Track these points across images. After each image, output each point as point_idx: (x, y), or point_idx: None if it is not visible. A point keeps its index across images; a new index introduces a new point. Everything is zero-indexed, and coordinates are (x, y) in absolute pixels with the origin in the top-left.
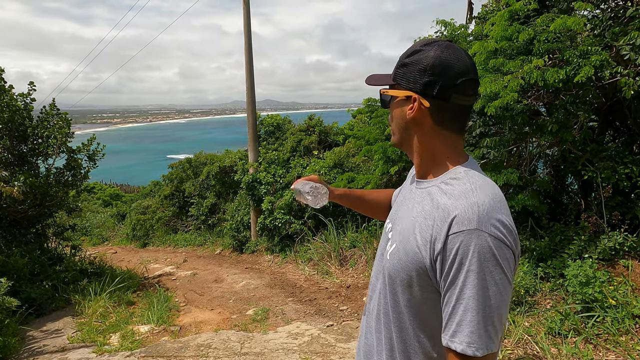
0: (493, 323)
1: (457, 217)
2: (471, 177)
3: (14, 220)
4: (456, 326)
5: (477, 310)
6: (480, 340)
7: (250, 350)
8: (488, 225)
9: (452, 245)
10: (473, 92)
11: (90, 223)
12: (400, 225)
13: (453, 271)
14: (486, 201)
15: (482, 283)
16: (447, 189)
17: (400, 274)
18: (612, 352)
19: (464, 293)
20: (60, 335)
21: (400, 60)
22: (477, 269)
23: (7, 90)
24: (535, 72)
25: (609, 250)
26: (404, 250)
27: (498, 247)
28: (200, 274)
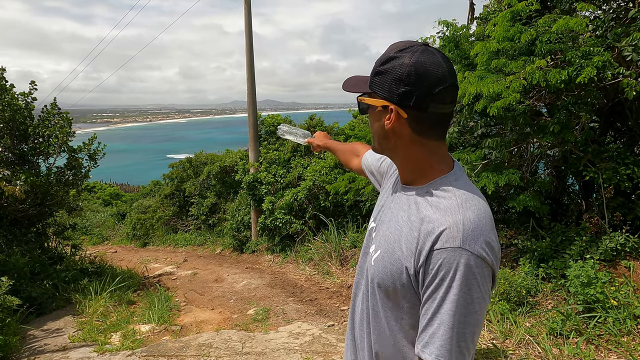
0: (465, 339)
1: (443, 233)
2: (458, 189)
3: (15, 219)
4: (429, 337)
5: (451, 326)
6: (450, 355)
7: (252, 350)
8: (472, 244)
9: (435, 260)
10: (452, 99)
11: (90, 222)
12: (384, 230)
13: (434, 285)
14: (472, 218)
15: (460, 301)
16: (434, 201)
17: (385, 281)
18: (614, 352)
19: (441, 307)
20: (61, 335)
21: (375, 68)
22: (458, 287)
23: (8, 90)
24: (537, 73)
25: (610, 251)
26: (388, 259)
27: (479, 266)
28: (200, 273)
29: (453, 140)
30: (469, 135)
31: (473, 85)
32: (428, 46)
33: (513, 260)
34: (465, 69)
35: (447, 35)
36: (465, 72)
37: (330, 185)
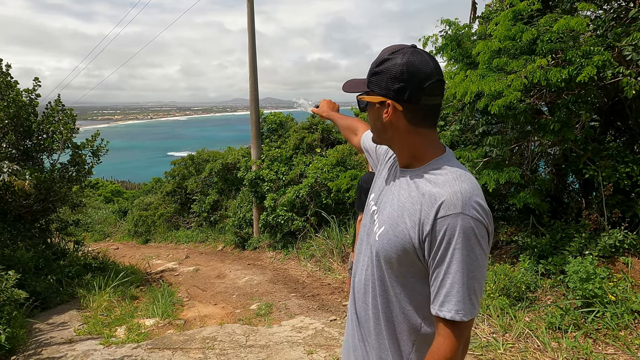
0: (475, 292)
1: (444, 202)
2: (451, 167)
3: (19, 215)
4: (444, 297)
5: (462, 282)
6: (466, 308)
7: (256, 343)
8: (470, 208)
9: (440, 227)
10: (439, 92)
11: (92, 219)
12: (387, 210)
13: (442, 249)
14: (467, 188)
15: (466, 259)
16: (432, 178)
17: (390, 253)
18: (612, 346)
19: (450, 268)
20: (66, 328)
21: (371, 69)
22: (462, 247)
23: (13, 86)
24: (538, 72)
25: (609, 248)
26: (393, 232)
27: (478, 227)
28: (202, 270)
29: (455, 138)
30: (470, 133)
31: (475, 84)
32: (416, 48)
33: (513, 257)
34: (467, 67)
35: (449, 34)
36: (467, 70)
37: (332, 183)
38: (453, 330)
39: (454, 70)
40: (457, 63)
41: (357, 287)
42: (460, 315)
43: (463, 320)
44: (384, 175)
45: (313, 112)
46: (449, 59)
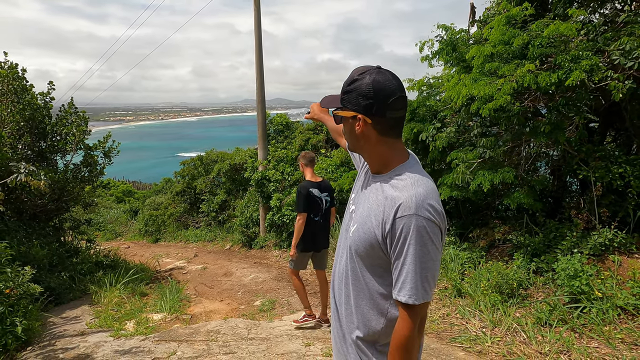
0: (427, 280)
1: (401, 205)
2: (411, 173)
3: (34, 214)
4: (401, 284)
5: (416, 272)
6: (418, 293)
7: (257, 336)
8: (423, 210)
9: (398, 225)
10: (402, 106)
11: (104, 219)
12: (360, 210)
13: (399, 245)
14: (421, 192)
15: (420, 252)
16: (394, 183)
17: (360, 247)
18: (596, 340)
19: (406, 260)
20: (79, 322)
21: (344, 88)
22: (416, 242)
23: (29, 89)
24: (528, 76)
25: (599, 246)
26: (362, 230)
27: (430, 226)
28: (210, 268)
29: (451, 140)
30: (466, 134)
31: (466, 88)
32: (381, 68)
33: (508, 255)
34: (463, 71)
35: (444, 39)
36: (462, 74)
37: (335, 183)
38: (408, 312)
39: (450, 74)
40: (452, 67)
41: (336, 275)
42: (413, 299)
43: (415, 304)
44: (361, 180)
45: (306, 118)
46: (445, 62)
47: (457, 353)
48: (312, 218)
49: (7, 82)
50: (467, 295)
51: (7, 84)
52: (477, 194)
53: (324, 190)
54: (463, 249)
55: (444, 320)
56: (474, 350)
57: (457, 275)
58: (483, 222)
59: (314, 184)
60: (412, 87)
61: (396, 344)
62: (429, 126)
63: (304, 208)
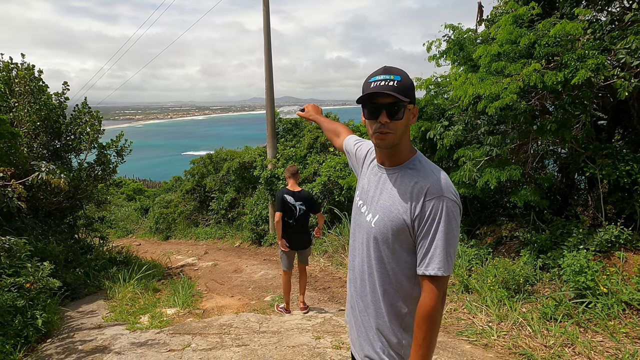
0: (451, 255)
1: (429, 189)
2: (426, 162)
3: (49, 211)
4: (429, 259)
5: (443, 247)
6: (445, 265)
7: (268, 329)
8: (449, 192)
9: (427, 207)
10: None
11: (116, 216)
12: (377, 201)
13: (428, 223)
14: (442, 177)
15: (447, 230)
16: (416, 170)
17: (386, 234)
18: (600, 334)
19: (435, 236)
20: (95, 315)
21: (407, 84)
22: (444, 221)
23: (44, 89)
24: (534, 75)
25: (605, 243)
26: (388, 218)
27: (454, 207)
28: (220, 264)
29: (459, 138)
30: (473, 132)
31: (473, 87)
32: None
33: (515, 252)
34: (470, 70)
35: (452, 39)
36: (469, 73)
37: (343, 180)
38: (434, 284)
39: (457, 73)
40: (459, 66)
41: (356, 268)
42: (442, 271)
43: (444, 275)
44: (367, 175)
45: (299, 115)
46: (452, 62)
47: (464, 346)
48: (287, 221)
49: (24, 83)
50: (474, 290)
51: (24, 85)
52: (484, 192)
53: (298, 200)
54: (470, 245)
55: (450, 315)
56: (480, 344)
57: (464, 272)
58: (490, 219)
59: (289, 192)
60: (420, 85)
61: (423, 315)
62: (436, 124)
63: (279, 208)
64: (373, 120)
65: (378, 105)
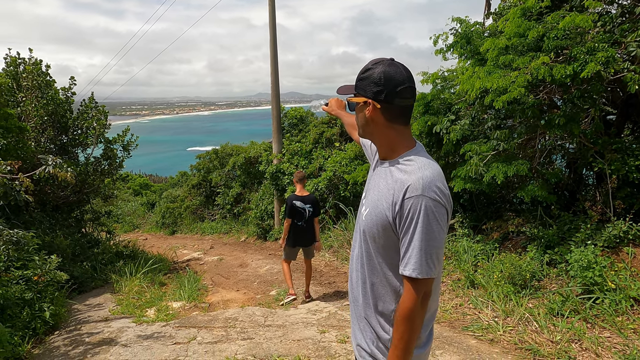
0: (431, 257)
1: (409, 187)
2: (418, 158)
3: (56, 205)
4: (407, 260)
5: (420, 248)
6: (422, 268)
7: (273, 323)
8: (430, 191)
9: (406, 206)
10: (411, 96)
11: (122, 211)
12: (370, 195)
13: (407, 223)
14: (428, 175)
15: (425, 230)
16: (402, 167)
17: (373, 229)
18: (608, 330)
19: (413, 237)
20: (102, 308)
21: (358, 76)
22: (422, 221)
23: (52, 84)
24: (542, 68)
25: (613, 238)
26: (374, 213)
27: (436, 206)
28: (226, 259)
29: (465, 132)
30: (480, 127)
31: (480, 80)
32: (394, 60)
33: (521, 247)
34: (478, 64)
35: (459, 32)
36: (476, 67)
37: (348, 176)
38: (413, 285)
39: (464, 67)
40: (467, 60)
41: (353, 261)
42: (416, 273)
43: (418, 278)
44: (372, 168)
45: (324, 110)
46: (459, 55)
47: (469, 341)
48: (296, 223)
49: (32, 78)
50: (479, 286)
51: (32, 80)
52: (491, 187)
53: (307, 203)
54: (476, 241)
55: (456, 310)
56: (486, 339)
57: (470, 267)
58: (497, 214)
59: (298, 197)
60: (427, 80)
61: (400, 315)
62: (443, 119)
63: (289, 215)
64: None
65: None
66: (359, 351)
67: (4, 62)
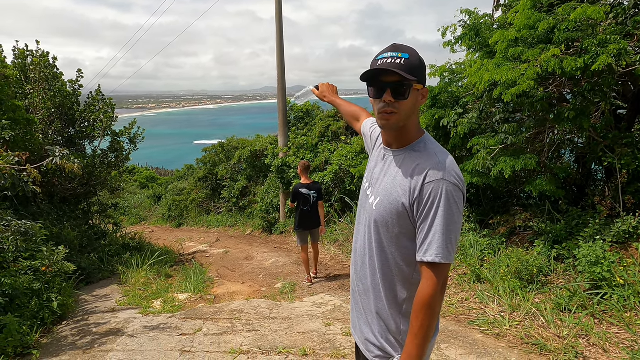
0: (451, 242)
1: (429, 171)
2: (432, 144)
3: (64, 197)
4: (428, 245)
5: (443, 232)
6: (444, 252)
7: (279, 315)
8: (449, 176)
9: (426, 190)
10: None
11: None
12: (381, 183)
13: (427, 208)
14: (446, 160)
15: (446, 215)
16: (420, 152)
17: (386, 217)
18: (616, 326)
19: (434, 222)
20: (109, 300)
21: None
22: (443, 206)
23: (59, 77)
24: (552, 61)
25: (622, 234)
26: (388, 201)
27: (456, 190)
28: (232, 252)
29: (473, 126)
30: (488, 120)
31: (489, 73)
32: None
33: (529, 242)
34: (486, 56)
35: (468, 24)
36: (485, 60)
37: (354, 169)
38: (434, 272)
39: (473, 60)
40: (475, 52)
41: (357, 251)
42: (439, 258)
43: (442, 263)
44: (374, 157)
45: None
46: (467, 48)
47: (475, 335)
48: (302, 208)
49: (39, 70)
50: (486, 280)
51: (39, 72)
52: (498, 181)
53: (312, 190)
54: (483, 235)
55: (462, 305)
56: (492, 333)
57: (476, 261)
58: (504, 209)
59: (303, 185)
60: (434, 73)
61: (421, 303)
62: (450, 112)
63: (293, 200)
64: (378, 100)
65: (383, 84)
66: (367, 345)
67: (12, 54)
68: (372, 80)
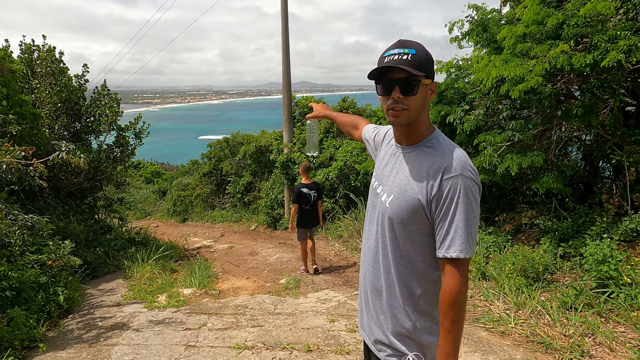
0: (472, 236)
1: (446, 167)
2: (445, 140)
3: (70, 192)
4: (450, 241)
5: (464, 228)
6: (467, 247)
7: (283, 311)
8: (467, 171)
9: (445, 186)
10: None
11: (134, 198)
12: (394, 180)
13: (447, 204)
14: (461, 155)
15: (466, 210)
16: (434, 149)
17: (401, 214)
18: (622, 325)
19: (454, 218)
20: (114, 294)
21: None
22: (463, 201)
23: (65, 72)
24: (561, 57)
25: (630, 232)
26: (402, 197)
27: (473, 185)
28: (236, 247)
29: (479, 123)
30: (495, 117)
31: (497, 69)
32: None
33: (535, 240)
34: (494, 52)
35: (475, 19)
36: (492, 55)
37: (359, 165)
38: (457, 267)
39: (480, 55)
40: (483, 48)
41: (368, 250)
42: (464, 254)
43: (466, 257)
44: (382, 156)
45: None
46: (475, 43)
47: (480, 333)
48: (303, 207)
49: (46, 65)
50: (491, 278)
51: (46, 67)
52: (505, 178)
53: (312, 189)
54: (488, 232)
55: (467, 302)
56: (497, 331)
57: (481, 259)
58: (509, 206)
59: (304, 185)
60: (441, 69)
61: (449, 300)
62: (456, 109)
63: (295, 201)
64: (386, 97)
65: (391, 81)
66: (377, 345)
67: (18, 49)
68: (380, 77)
